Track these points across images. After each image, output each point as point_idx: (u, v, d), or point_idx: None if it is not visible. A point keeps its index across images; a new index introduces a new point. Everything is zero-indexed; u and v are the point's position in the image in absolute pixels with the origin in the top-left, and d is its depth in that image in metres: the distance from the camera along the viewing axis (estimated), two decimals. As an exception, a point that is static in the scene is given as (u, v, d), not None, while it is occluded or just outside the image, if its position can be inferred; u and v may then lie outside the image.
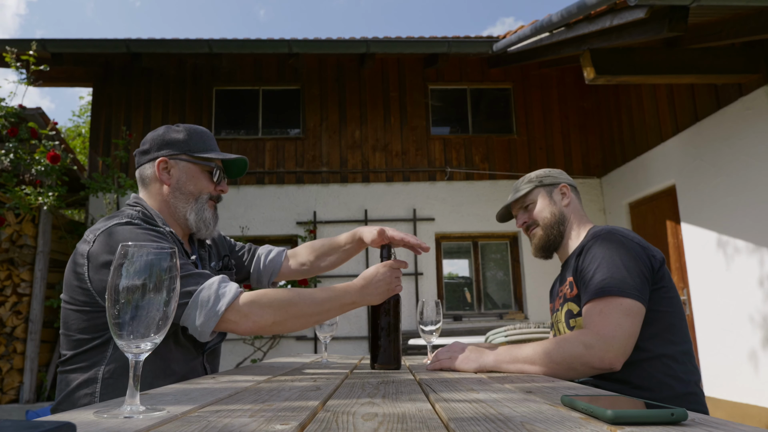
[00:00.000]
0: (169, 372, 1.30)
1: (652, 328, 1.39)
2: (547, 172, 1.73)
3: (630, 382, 1.35)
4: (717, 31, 4.38)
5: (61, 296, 1.33)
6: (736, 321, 4.62)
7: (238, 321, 1.20)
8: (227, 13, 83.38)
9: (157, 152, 1.42)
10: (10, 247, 5.51)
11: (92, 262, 1.24)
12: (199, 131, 1.47)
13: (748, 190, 4.51)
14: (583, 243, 1.55)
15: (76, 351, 1.28)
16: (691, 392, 1.38)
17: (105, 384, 1.25)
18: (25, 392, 5.36)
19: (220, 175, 1.48)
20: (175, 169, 1.42)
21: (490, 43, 6.27)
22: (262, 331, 1.23)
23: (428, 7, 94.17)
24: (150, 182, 1.43)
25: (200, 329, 1.20)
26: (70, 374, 1.29)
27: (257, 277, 1.72)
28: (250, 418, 0.64)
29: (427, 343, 1.63)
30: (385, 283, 1.31)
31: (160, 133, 1.44)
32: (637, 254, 1.41)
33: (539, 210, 1.68)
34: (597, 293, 1.36)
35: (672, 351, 1.39)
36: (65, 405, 1.29)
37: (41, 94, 44.12)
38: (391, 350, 1.34)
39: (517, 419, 0.62)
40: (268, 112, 7.25)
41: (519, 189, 1.73)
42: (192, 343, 1.36)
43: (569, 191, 1.70)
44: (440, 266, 6.90)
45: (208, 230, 1.46)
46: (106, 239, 1.25)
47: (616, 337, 1.30)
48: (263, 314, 1.20)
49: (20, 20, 61.44)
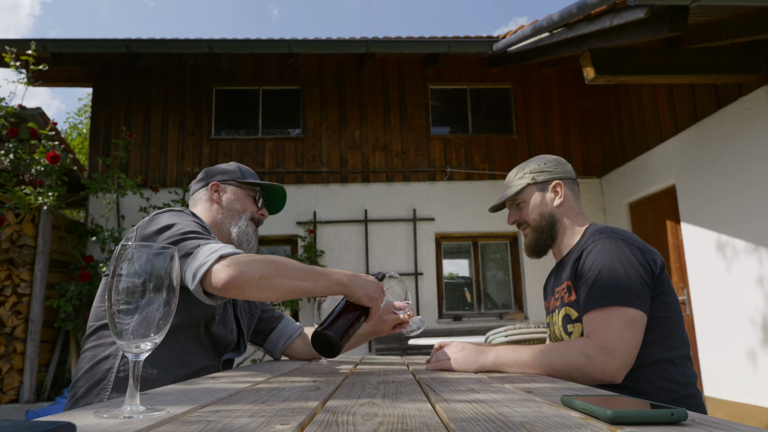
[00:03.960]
0: (184, 362, 1.37)
1: (652, 334, 1.37)
2: (542, 166, 1.65)
3: (628, 387, 1.34)
4: (717, 31, 4.38)
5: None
6: (736, 321, 4.62)
7: (228, 267, 1.21)
8: (240, 13, 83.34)
9: (210, 179, 1.65)
10: (10, 247, 5.51)
11: (138, 232, 1.37)
12: (246, 167, 1.73)
13: (748, 190, 4.51)
14: (582, 245, 1.51)
15: (102, 322, 1.39)
16: (689, 394, 1.37)
17: (125, 360, 1.32)
18: (25, 392, 5.36)
19: (263, 202, 1.70)
20: (224, 192, 1.64)
21: (490, 43, 6.27)
22: (249, 284, 1.20)
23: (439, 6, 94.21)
24: (202, 203, 1.64)
25: (195, 272, 1.22)
26: (91, 350, 1.36)
27: (276, 337, 1.79)
28: (250, 418, 0.64)
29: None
30: (372, 288, 1.32)
31: (213, 167, 1.70)
32: (638, 260, 1.38)
33: (530, 210, 1.63)
34: (599, 302, 1.34)
35: (671, 355, 1.38)
36: (83, 381, 1.32)
37: (52, 95, 44.10)
38: (339, 334, 1.27)
39: (517, 419, 0.62)
40: (268, 112, 7.25)
41: (511, 185, 1.67)
42: (211, 344, 1.45)
43: (563, 188, 1.62)
44: (440, 266, 6.90)
45: (249, 245, 1.62)
46: (157, 215, 1.40)
47: (618, 350, 1.28)
48: (251, 266, 1.22)
49: (34, 21, 61.56)
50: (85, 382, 1.31)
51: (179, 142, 7.00)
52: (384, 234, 6.78)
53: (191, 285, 1.24)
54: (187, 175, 6.86)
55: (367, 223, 6.76)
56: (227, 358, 1.55)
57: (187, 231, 1.31)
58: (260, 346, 1.81)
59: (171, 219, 1.37)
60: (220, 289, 1.21)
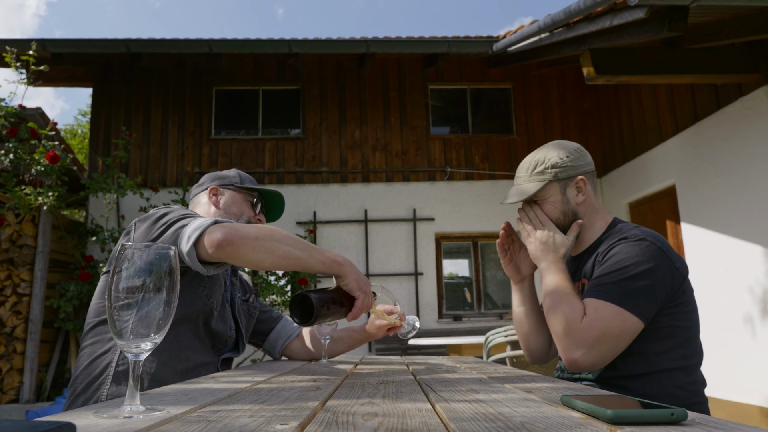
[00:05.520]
0: (183, 357, 1.37)
1: (668, 342, 1.33)
2: (564, 159, 1.48)
3: (637, 390, 1.31)
4: (717, 31, 4.38)
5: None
6: (736, 321, 4.62)
7: (223, 227, 1.21)
8: (246, 13, 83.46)
9: (209, 184, 1.69)
10: (10, 247, 5.51)
11: (137, 225, 1.38)
12: (246, 174, 1.76)
13: (748, 190, 4.51)
14: (607, 239, 1.43)
15: (100, 318, 1.39)
16: (696, 402, 1.35)
17: (123, 355, 1.31)
18: (25, 392, 5.36)
19: (261, 208, 1.72)
20: (223, 196, 1.67)
21: (490, 43, 6.27)
22: (245, 243, 1.18)
23: (439, 6, 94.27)
24: (201, 206, 1.67)
25: (190, 235, 1.22)
26: (89, 347, 1.36)
27: (275, 337, 1.80)
28: (250, 418, 0.64)
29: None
30: (364, 280, 1.30)
31: (214, 173, 1.74)
32: (661, 266, 1.31)
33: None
34: (600, 294, 1.30)
35: (684, 364, 1.34)
36: (82, 377, 1.32)
37: (56, 95, 44.15)
38: (320, 303, 1.23)
39: (517, 419, 0.62)
40: (268, 112, 7.25)
41: (529, 180, 1.50)
42: (210, 340, 1.46)
43: (586, 185, 1.49)
44: (440, 266, 6.90)
45: None
46: (155, 209, 1.42)
47: (592, 345, 1.26)
48: (247, 228, 1.22)
49: (39, 21, 61.69)
50: (84, 378, 1.32)
51: (179, 142, 7.00)
52: (384, 234, 6.78)
53: (186, 247, 1.21)
54: (187, 175, 6.86)
55: (367, 223, 6.76)
56: (226, 357, 1.56)
57: (185, 213, 1.34)
58: (259, 347, 1.81)
59: (169, 208, 1.39)
60: (216, 248, 1.18)
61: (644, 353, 1.32)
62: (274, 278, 6.04)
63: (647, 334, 1.31)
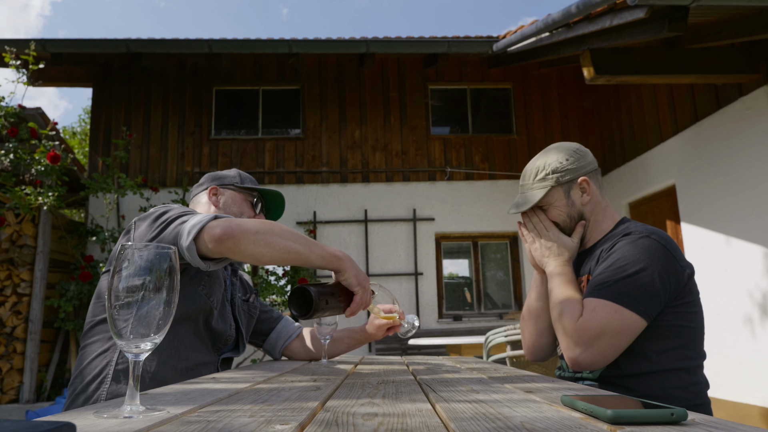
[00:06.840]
0: (182, 356, 1.37)
1: (671, 342, 1.32)
2: (564, 163, 1.48)
3: (638, 390, 1.31)
4: (717, 31, 4.38)
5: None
6: (736, 321, 4.62)
7: (223, 221, 1.20)
8: (250, 13, 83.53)
9: (209, 183, 1.69)
10: (10, 247, 5.51)
11: (137, 224, 1.38)
12: (246, 174, 1.76)
13: (748, 190, 4.51)
14: (614, 237, 1.43)
15: (99, 317, 1.38)
16: (699, 403, 1.34)
17: (122, 354, 1.30)
18: (25, 392, 5.36)
19: (261, 208, 1.72)
20: (223, 196, 1.67)
21: (490, 43, 6.27)
22: (245, 237, 1.18)
23: (439, 6, 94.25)
24: (201, 206, 1.67)
25: (190, 230, 1.21)
26: (89, 346, 1.36)
27: (275, 337, 1.80)
28: (250, 418, 0.64)
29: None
30: (363, 276, 1.30)
31: (214, 173, 1.73)
32: (666, 265, 1.30)
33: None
34: (601, 293, 1.29)
35: (688, 365, 1.34)
36: (82, 376, 1.32)
37: (59, 95, 44.14)
38: (319, 296, 1.23)
39: (517, 419, 0.62)
40: (268, 112, 7.25)
41: (532, 188, 1.51)
42: (210, 339, 1.46)
43: (590, 184, 1.49)
44: (440, 266, 6.90)
45: None
46: (154, 208, 1.42)
47: (590, 344, 1.26)
48: (247, 222, 1.22)
49: (44, 21, 61.72)
50: (84, 377, 1.32)
51: (179, 142, 7.00)
52: (384, 234, 6.78)
53: (186, 242, 1.20)
54: (187, 175, 6.86)
55: (367, 223, 6.76)
56: (226, 357, 1.56)
57: (184, 211, 1.34)
58: (260, 347, 1.81)
59: (168, 207, 1.39)
60: (216, 242, 1.17)
61: (646, 352, 1.31)
62: (275, 278, 6.04)
63: (650, 333, 1.31)
